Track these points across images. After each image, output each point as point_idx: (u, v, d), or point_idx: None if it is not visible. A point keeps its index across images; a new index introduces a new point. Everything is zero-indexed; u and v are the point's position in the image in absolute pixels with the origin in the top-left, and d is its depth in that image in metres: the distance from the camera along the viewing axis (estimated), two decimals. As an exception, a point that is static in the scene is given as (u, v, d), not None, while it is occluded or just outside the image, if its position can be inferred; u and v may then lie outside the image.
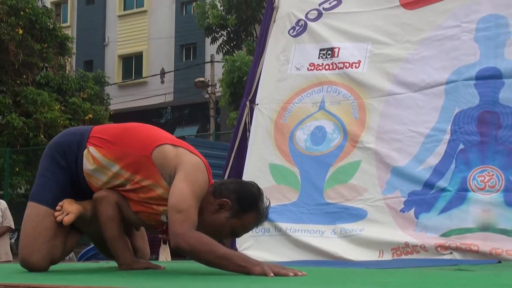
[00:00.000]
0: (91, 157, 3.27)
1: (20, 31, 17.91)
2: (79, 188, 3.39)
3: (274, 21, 7.45)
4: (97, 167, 3.28)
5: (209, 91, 24.54)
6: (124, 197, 3.32)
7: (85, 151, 3.28)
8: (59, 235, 3.31)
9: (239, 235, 3.29)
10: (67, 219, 3.20)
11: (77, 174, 3.34)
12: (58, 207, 3.25)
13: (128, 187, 3.27)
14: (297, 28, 7.27)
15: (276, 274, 2.72)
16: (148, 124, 3.49)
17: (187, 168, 3.12)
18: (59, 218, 3.21)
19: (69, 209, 3.23)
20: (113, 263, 4.28)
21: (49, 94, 17.89)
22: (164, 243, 9.20)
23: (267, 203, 3.22)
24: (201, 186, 3.12)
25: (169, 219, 3.02)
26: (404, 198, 6.07)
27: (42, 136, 17.13)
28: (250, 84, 7.38)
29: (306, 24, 7.23)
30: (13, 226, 9.41)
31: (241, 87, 17.97)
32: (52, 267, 3.38)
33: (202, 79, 23.74)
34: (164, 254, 9.07)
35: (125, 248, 3.36)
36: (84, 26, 32.12)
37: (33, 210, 3.30)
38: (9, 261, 8.17)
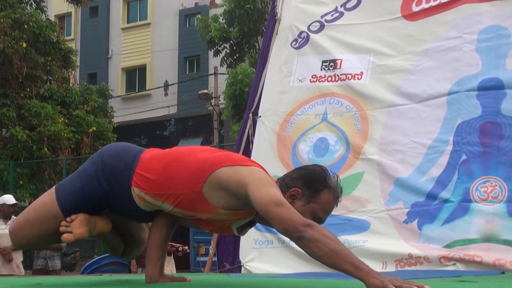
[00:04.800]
0: (138, 198, 3.19)
1: (24, 44, 17.96)
2: (117, 205, 3.32)
3: (277, 34, 7.48)
4: (148, 205, 3.22)
5: (213, 103, 24.57)
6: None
7: (132, 192, 3.20)
8: (52, 237, 3.30)
9: (323, 219, 3.07)
10: (66, 238, 3.15)
11: (123, 198, 3.25)
12: (68, 219, 3.17)
13: (186, 216, 3.23)
14: (300, 40, 7.29)
15: None
16: (190, 147, 3.34)
17: (252, 181, 2.95)
18: (61, 229, 3.16)
19: (75, 230, 3.15)
20: (116, 277, 4.28)
21: (53, 107, 17.92)
22: (169, 254, 9.16)
23: (336, 177, 3.11)
24: (273, 184, 3.00)
25: (272, 214, 2.83)
26: (407, 209, 6.07)
27: (46, 149, 17.12)
28: (253, 97, 7.40)
29: (308, 36, 7.25)
30: None
31: (243, 99, 17.98)
32: (56, 281, 3.37)
33: (205, 91, 23.75)
34: (169, 265, 9.04)
35: (157, 261, 3.29)
36: (87, 39, 32.18)
37: (49, 204, 3.24)
38: (20, 275, 8.19)
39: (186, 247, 9.74)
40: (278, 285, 3.49)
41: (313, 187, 3.03)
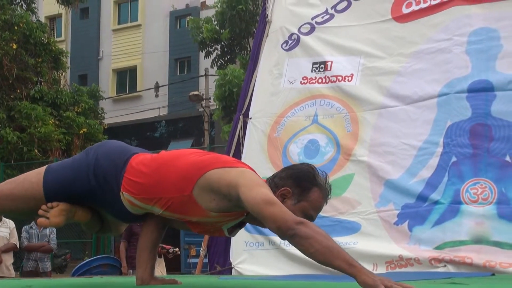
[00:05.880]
0: (128, 202, 3.18)
1: (14, 46, 17.93)
2: (105, 204, 3.32)
3: (267, 35, 7.48)
4: (138, 209, 3.21)
5: (203, 105, 24.54)
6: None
7: (121, 196, 3.18)
8: (27, 215, 3.43)
9: (314, 217, 3.06)
10: (41, 222, 3.17)
11: (111, 199, 3.24)
12: (49, 205, 3.18)
13: (176, 218, 3.22)
14: (290, 42, 7.29)
15: None
16: (178, 151, 3.32)
17: (243, 182, 2.94)
18: (40, 212, 3.17)
19: (52, 218, 3.16)
20: (107, 279, 4.27)
21: (43, 108, 17.88)
22: (159, 256, 9.14)
23: (324, 175, 3.13)
24: (264, 184, 3.01)
25: (265, 214, 2.83)
26: (397, 211, 6.07)
27: (36, 151, 17.08)
28: (243, 98, 7.39)
29: (299, 38, 7.26)
30: (18, 246, 9.32)
31: (232, 100, 17.98)
32: (48, 283, 3.36)
33: (196, 92, 23.70)
34: (160, 267, 9.02)
35: (148, 264, 3.29)
36: (78, 41, 32.12)
37: (35, 185, 3.26)
38: (10, 277, 8.16)
39: (177, 249, 9.71)
40: (268, 287, 3.49)
41: (302, 185, 3.04)
